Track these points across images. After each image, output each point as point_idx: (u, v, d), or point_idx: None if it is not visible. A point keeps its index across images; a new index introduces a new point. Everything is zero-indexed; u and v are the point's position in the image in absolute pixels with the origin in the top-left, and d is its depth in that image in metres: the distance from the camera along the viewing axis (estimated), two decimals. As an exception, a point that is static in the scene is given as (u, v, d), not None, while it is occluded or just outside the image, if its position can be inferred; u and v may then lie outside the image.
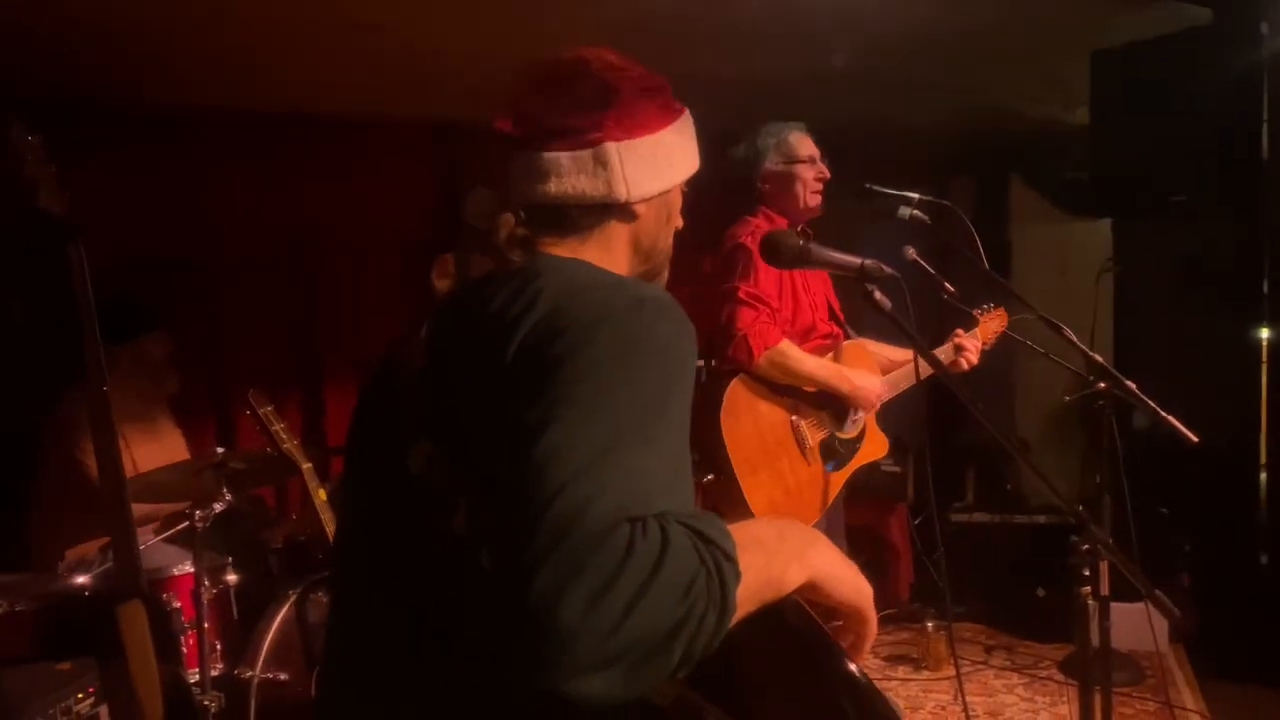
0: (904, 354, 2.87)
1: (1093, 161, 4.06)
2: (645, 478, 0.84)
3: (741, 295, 2.63)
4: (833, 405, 2.73)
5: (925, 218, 2.61)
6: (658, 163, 1.14)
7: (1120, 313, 4.37)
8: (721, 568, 0.82)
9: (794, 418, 2.65)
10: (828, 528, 2.78)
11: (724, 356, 2.61)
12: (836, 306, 2.94)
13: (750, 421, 2.57)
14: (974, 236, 2.62)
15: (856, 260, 1.58)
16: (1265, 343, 3.83)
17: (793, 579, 0.94)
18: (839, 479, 2.71)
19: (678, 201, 1.22)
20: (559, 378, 0.87)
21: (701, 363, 2.72)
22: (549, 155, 1.08)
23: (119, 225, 3.72)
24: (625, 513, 0.80)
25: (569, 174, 1.09)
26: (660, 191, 1.16)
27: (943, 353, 2.85)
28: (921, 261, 2.74)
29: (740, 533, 0.87)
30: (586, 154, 1.09)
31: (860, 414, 2.77)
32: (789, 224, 2.82)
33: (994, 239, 5.40)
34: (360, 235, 4.57)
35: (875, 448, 2.84)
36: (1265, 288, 3.82)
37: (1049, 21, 3.77)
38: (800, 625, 0.96)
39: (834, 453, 2.70)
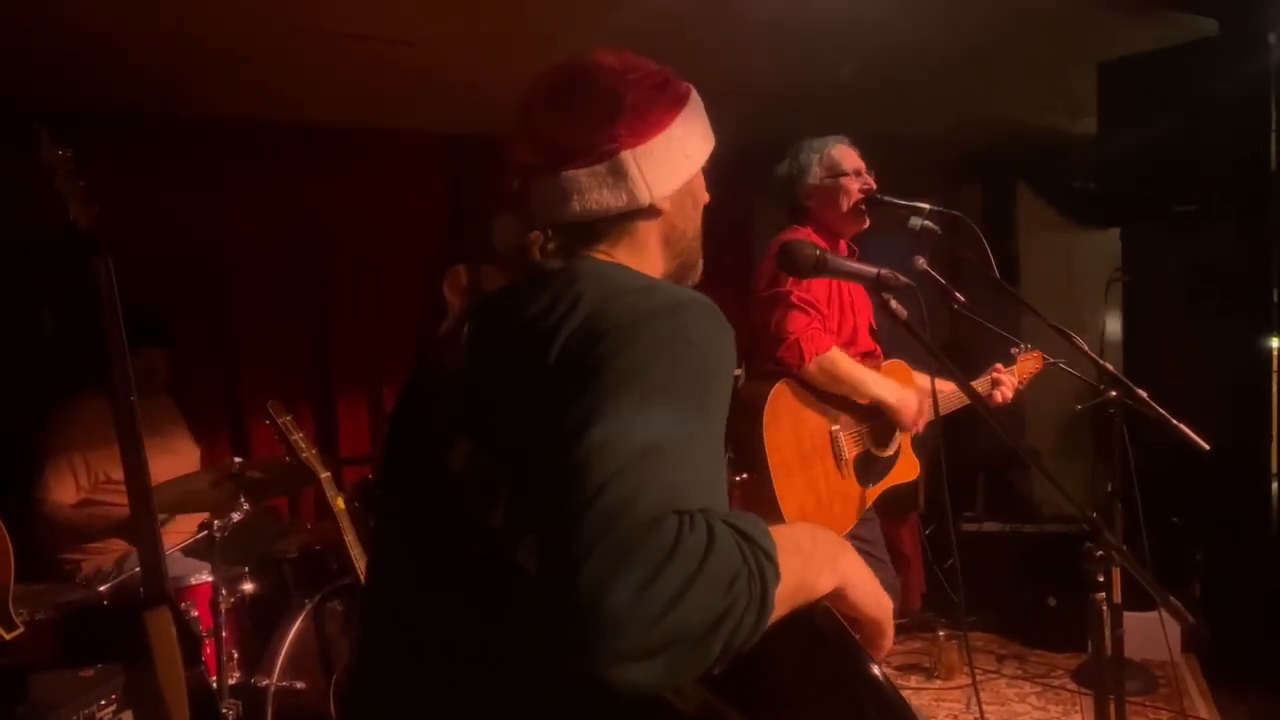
0: (936, 383, 2.84)
1: (1100, 171, 4.07)
2: (687, 475, 0.85)
3: (794, 299, 2.59)
4: (874, 421, 2.71)
5: (936, 228, 2.62)
6: (673, 157, 1.15)
7: (1129, 321, 4.38)
8: (763, 567, 0.83)
9: (834, 428, 2.62)
10: (871, 543, 2.78)
11: (773, 358, 2.56)
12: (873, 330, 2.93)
13: (790, 426, 2.55)
14: (985, 246, 2.63)
15: (873, 270, 1.60)
16: (1275, 351, 3.84)
17: (825, 585, 0.96)
18: (870, 495, 2.69)
19: (701, 184, 1.23)
20: (601, 378, 0.88)
21: (740, 370, 2.72)
22: (567, 175, 1.09)
23: (133, 235, 3.74)
24: (671, 506, 0.81)
25: (589, 190, 1.10)
26: (682, 183, 1.17)
27: (979, 385, 2.84)
28: (932, 272, 2.75)
29: (778, 535, 0.88)
30: (603, 168, 1.10)
31: (898, 433, 2.75)
32: (836, 237, 2.81)
33: (1002, 248, 5.42)
34: (373, 246, 4.60)
35: (907, 470, 2.80)
36: (1275, 296, 3.83)
37: (1056, 33, 3.80)
38: (829, 630, 0.97)
39: (868, 469, 2.68)
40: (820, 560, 0.97)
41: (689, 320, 0.96)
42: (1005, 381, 2.89)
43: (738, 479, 2.45)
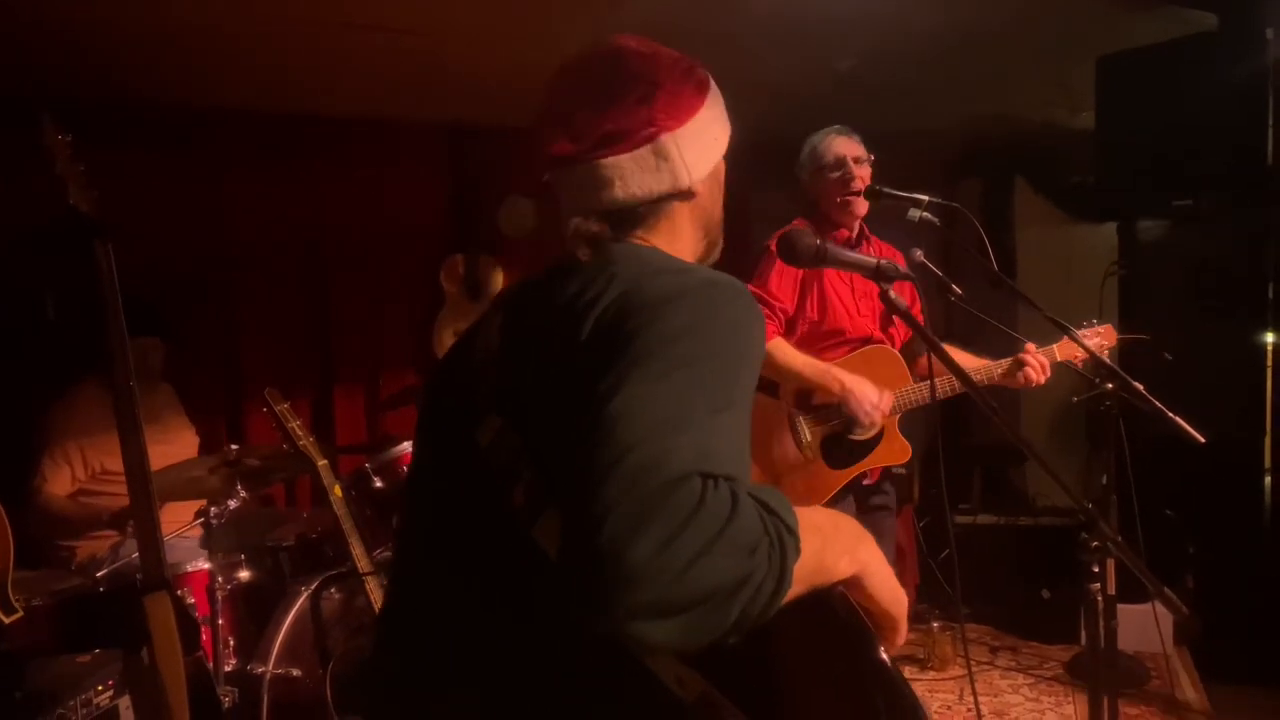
0: (978, 362, 2.75)
1: (1098, 165, 4.08)
2: (713, 444, 0.85)
3: (750, 290, 2.64)
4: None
5: (935, 219, 2.63)
6: (706, 139, 1.16)
7: (1125, 316, 4.38)
8: (784, 539, 0.84)
9: (792, 410, 2.67)
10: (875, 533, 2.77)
11: None
12: (917, 312, 2.92)
13: None
14: (983, 239, 2.64)
15: (872, 260, 1.61)
16: (1270, 346, 3.85)
17: (843, 569, 0.97)
18: (843, 477, 2.71)
19: (723, 169, 1.23)
20: (632, 349, 0.89)
21: None
22: (608, 162, 1.09)
23: (134, 223, 3.73)
24: (698, 469, 0.81)
25: (632, 175, 1.10)
26: (713, 166, 1.18)
27: (1002, 365, 2.77)
28: (929, 264, 2.76)
29: (800, 516, 0.88)
30: (645, 151, 1.10)
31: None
32: (835, 226, 2.84)
33: (1000, 242, 5.43)
34: (373, 236, 4.59)
35: (893, 453, 2.77)
36: (1271, 291, 3.84)
37: (1054, 27, 3.80)
38: (843, 614, 0.98)
39: (840, 451, 2.69)
40: (840, 545, 0.97)
41: (721, 299, 0.96)
42: (1032, 363, 2.73)
43: None
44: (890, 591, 1.01)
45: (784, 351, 2.64)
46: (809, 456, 2.65)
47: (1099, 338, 2.88)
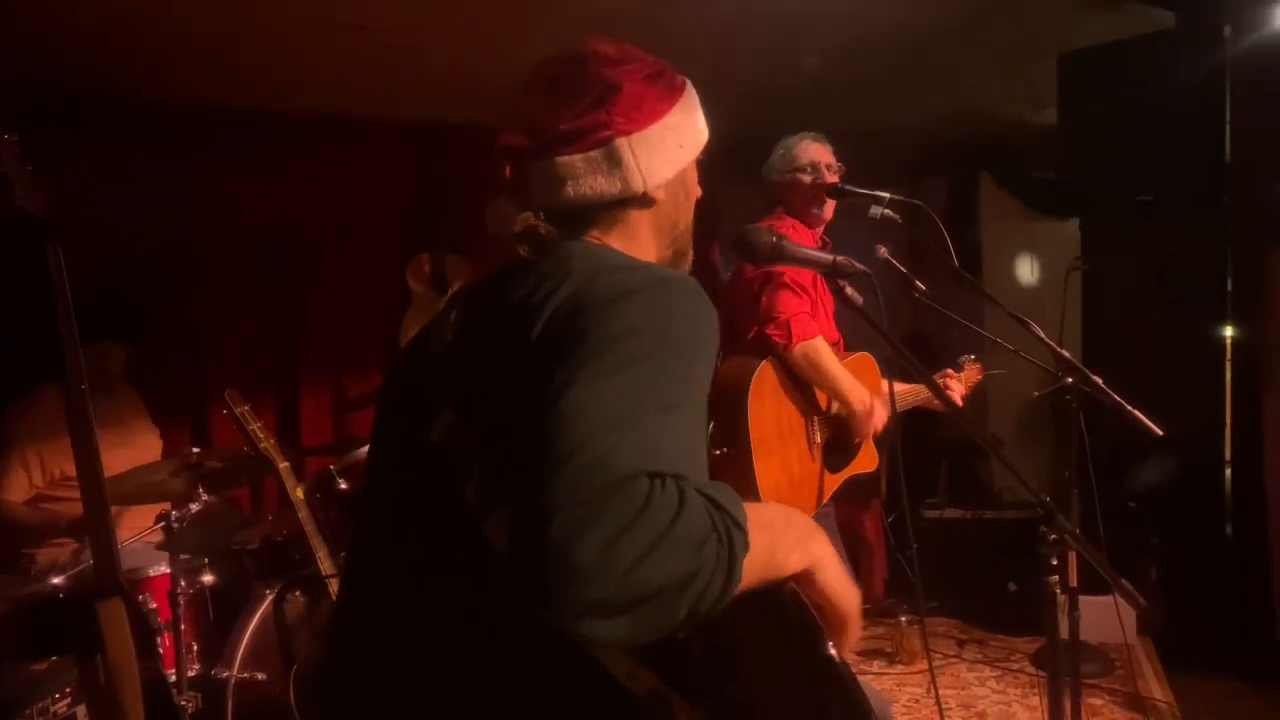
0: (896, 386, 2.87)
1: (1061, 162, 4.12)
2: (663, 440, 0.86)
3: (787, 280, 2.62)
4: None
5: (897, 217, 2.65)
6: (668, 146, 1.15)
7: (1088, 311, 4.43)
8: (732, 536, 0.84)
9: (810, 410, 2.68)
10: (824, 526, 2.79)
11: (760, 336, 2.58)
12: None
13: (773, 404, 2.58)
14: (945, 236, 2.66)
15: (829, 257, 1.61)
16: (1229, 341, 3.91)
17: (794, 564, 0.98)
18: (833, 481, 2.74)
19: (694, 176, 1.24)
20: (582, 348, 0.89)
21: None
22: (562, 160, 1.10)
23: (96, 221, 3.68)
24: (645, 467, 0.82)
25: (584, 175, 1.10)
26: (675, 173, 1.18)
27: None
28: (893, 260, 2.77)
29: (750, 510, 0.89)
30: (598, 154, 1.10)
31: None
32: (803, 228, 2.85)
33: (964, 238, 5.49)
34: (340, 234, 4.55)
35: (866, 461, 2.83)
36: (1229, 286, 3.90)
37: (1017, 24, 3.84)
38: (792, 608, 0.98)
39: (833, 455, 2.71)
40: (791, 540, 0.98)
41: (673, 295, 0.97)
42: (954, 388, 2.99)
43: (717, 453, 2.45)
44: (841, 585, 1.02)
45: (829, 355, 2.62)
46: (815, 458, 2.67)
47: (974, 370, 3.15)
